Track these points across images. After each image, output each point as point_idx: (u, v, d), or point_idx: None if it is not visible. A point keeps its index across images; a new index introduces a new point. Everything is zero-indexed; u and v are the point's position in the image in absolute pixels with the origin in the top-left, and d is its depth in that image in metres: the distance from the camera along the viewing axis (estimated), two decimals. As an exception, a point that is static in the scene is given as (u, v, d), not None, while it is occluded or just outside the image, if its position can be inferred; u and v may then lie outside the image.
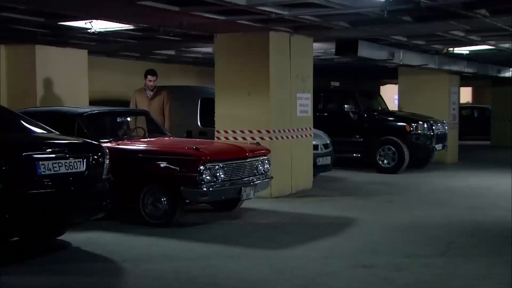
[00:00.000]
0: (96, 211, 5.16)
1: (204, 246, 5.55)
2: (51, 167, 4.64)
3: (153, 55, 12.46)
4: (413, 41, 9.54)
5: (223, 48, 8.66)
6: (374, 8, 6.28)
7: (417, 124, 11.39)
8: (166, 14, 6.68)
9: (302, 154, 9.03)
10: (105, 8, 6.48)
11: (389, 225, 6.51)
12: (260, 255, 5.24)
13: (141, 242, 5.70)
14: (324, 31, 8.38)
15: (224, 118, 8.67)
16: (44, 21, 7.28)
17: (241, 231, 6.26)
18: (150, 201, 6.40)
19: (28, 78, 9.97)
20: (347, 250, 5.40)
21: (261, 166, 6.89)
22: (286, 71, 8.65)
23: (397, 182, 10.15)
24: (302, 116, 9.06)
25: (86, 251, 5.31)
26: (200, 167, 6.11)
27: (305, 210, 7.50)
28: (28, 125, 5.35)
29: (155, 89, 8.66)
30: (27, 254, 5.16)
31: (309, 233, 6.17)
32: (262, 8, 6.47)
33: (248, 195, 6.66)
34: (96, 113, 6.97)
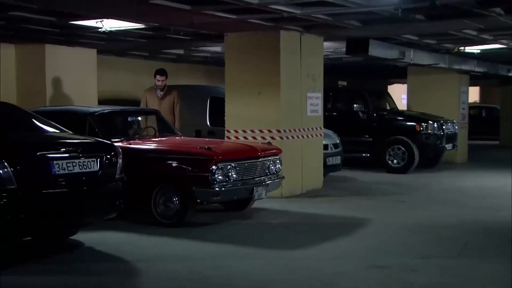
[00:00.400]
0: (109, 211, 5.15)
1: (216, 246, 5.53)
2: (65, 167, 4.63)
3: (162, 54, 12.45)
4: (424, 40, 9.47)
5: (233, 47, 8.63)
6: (388, 6, 6.22)
7: (427, 124, 11.31)
8: (177, 13, 6.65)
9: (312, 154, 8.99)
10: (116, 7, 6.47)
11: (401, 225, 6.46)
12: (273, 256, 5.20)
13: (153, 242, 5.68)
14: (335, 30, 8.33)
15: (234, 117, 8.64)
16: (55, 20, 7.27)
17: (253, 231, 6.23)
18: (161, 201, 6.38)
19: (37, 78, 9.99)
20: (360, 251, 5.36)
21: (272, 166, 6.86)
22: (297, 71, 8.61)
23: (407, 182, 10.09)
24: (313, 116, 9.02)
25: (99, 251, 5.29)
26: (212, 166, 6.09)
27: (316, 210, 7.46)
28: (41, 124, 5.34)
29: (165, 88, 8.64)
30: (40, 254, 5.16)
31: (321, 233, 6.13)
32: (274, 6, 6.43)
33: (260, 195, 6.63)
34: (107, 112, 6.95)
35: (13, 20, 7.42)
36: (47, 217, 4.60)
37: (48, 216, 4.60)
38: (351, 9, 6.41)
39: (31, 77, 10.07)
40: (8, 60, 10.07)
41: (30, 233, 4.83)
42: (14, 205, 4.30)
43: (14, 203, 4.30)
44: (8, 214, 4.28)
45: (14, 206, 4.30)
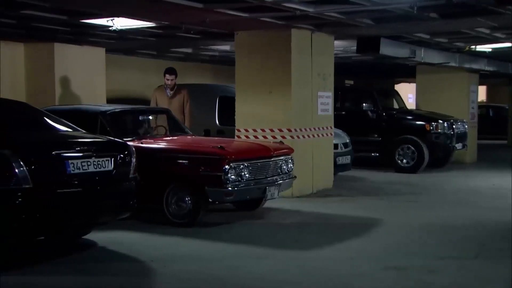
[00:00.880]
0: (123, 210, 5.11)
1: (230, 247, 5.48)
2: (80, 166, 4.59)
3: (170, 53, 12.42)
4: (435, 39, 9.39)
5: (244, 46, 8.57)
6: (403, 4, 6.15)
7: (437, 123, 11.23)
8: (189, 11, 6.61)
9: (323, 154, 8.93)
10: (128, 5, 6.42)
11: (415, 225, 6.40)
12: (288, 256, 5.15)
13: (166, 242, 5.64)
14: (346, 29, 8.27)
15: (245, 116, 8.59)
16: (66, 19, 7.24)
17: (266, 231, 6.19)
18: (173, 201, 6.33)
19: (46, 76, 9.97)
20: (376, 252, 5.30)
21: (285, 166, 6.80)
22: (308, 70, 8.55)
23: (417, 182, 10.01)
24: (323, 115, 8.96)
25: (112, 251, 5.25)
26: (225, 166, 6.04)
27: (328, 210, 7.40)
28: (54, 123, 5.30)
29: (175, 87, 8.60)
30: (53, 253, 5.12)
31: (335, 233, 6.07)
32: (287, 4, 6.37)
33: (272, 195, 6.57)
34: (119, 111, 6.92)
35: (24, 19, 7.39)
36: (62, 217, 4.56)
37: (63, 216, 4.56)
38: (366, 7, 6.36)
39: (40, 75, 10.05)
40: (17, 59, 10.06)
41: (45, 233, 4.79)
42: (30, 204, 4.26)
43: (29, 203, 4.27)
44: (24, 214, 4.25)
45: (30, 205, 4.27)
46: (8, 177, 4.16)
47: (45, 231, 4.70)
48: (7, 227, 4.25)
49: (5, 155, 4.16)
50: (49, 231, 4.79)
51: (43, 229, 4.56)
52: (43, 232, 4.73)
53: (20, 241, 4.67)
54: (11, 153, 4.18)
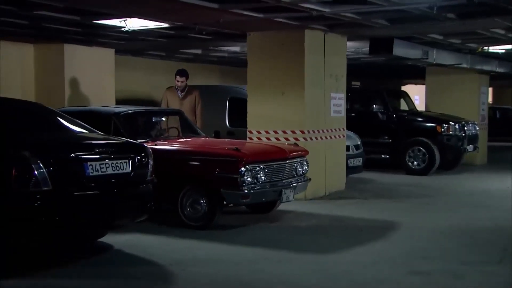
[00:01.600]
0: (141, 213, 5.02)
1: (248, 250, 5.40)
2: (98, 168, 4.52)
3: (178, 54, 12.35)
4: (448, 40, 9.30)
5: (256, 46, 8.49)
6: (423, 4, 6.07)
7: (448, 125, 11.13)
8: (204, 11, 6.54)
9: (335, 155, 8.84)
10: (143, 5, 6.35)
11: (434, 229, 6.31)
12: (309, 260, 5.07)
13: (183, 245, 5.56)
14: (359, 29, 8.18)
15: (257, 118, 8.51)
16: (79, 19, 7.17)
17: (283, 234, 6.10)
18: (188, 203, 6.26)
19: (56, 77, 9.91)
20: (397, 255, 5.21)
21: (300, 168, 6.72)
22: (320, 71, 8.47)
23: (429, 184, 9.92)
24: (336, 117, 8.88)
25: (129, 254, 5.17)
26: (242, 168, 5.96)
27: (343, 212, 7.31)
28: (70, 124, 5.23)
29: (186, 88, 8.53)
30: (69, 256, 5.04)
31: (353, 236, 5.99)
32: (304, 5, 6.29)
33: (288, 198, 6.49)
34: (132, 112, 6.84)
35: (37, 19, 7.32)
36: (81, 219, 4.48)
37: (82, 218, 4.49)
38: (383, 7, 6.27)
39: (50, 76, 9.99)
40: (26, 60, 10.01)
41: (63, 236, 4.71)
42: (49, 207, 4.19)
43: (49, 205, 4.19)
44: (44, 216, 4.17)
45: (49, 208, 4.19)
46: (28, 179, 4.09)
47: (64, 234, 4.62)
48: (27, 229, 4.17)
49: (25, 157, 4.09)
50: (68, 234, 4.71)
51: (62, 232, 4.48)
52: (62, 235, 4.64)
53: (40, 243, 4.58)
54: (31, 155, 4.11)
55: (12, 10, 6.51)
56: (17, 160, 4.09)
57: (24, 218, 4.12)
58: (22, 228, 4.15)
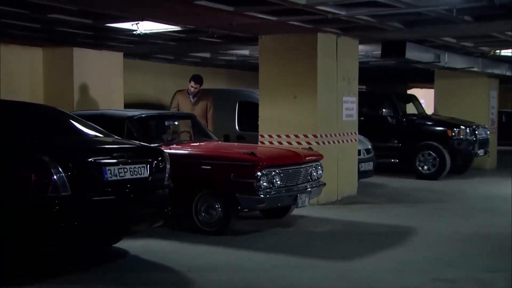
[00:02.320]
0: (158, 218, 4.93)
1: (266, 256, 5.30)
2: (117, 173, 4.43)
3: (187, 57, 12.29)
4: (461, 43, 9.22)
5: (268, 50, 8.41)
6: (442, 6, 5.99)
7: (459, 129, 11.03)
8: (218, 14, 6.47)
9: (347, 160, 8.75)
10: (157, 8, 6.28)
11: (453, 235, 6.21)
12: (329, 266, 4.97)
13: (199, 250, 5.46)
14: (373, 32, 8.11)
15: (268, 121, 8.42)
16: (92, 22, 7.10)
17: (299, 240, 6.01)
18: (203, 208, 6.17)
19: (65, 81, 9.87)
20: (419, 262, 5.11)
21: (314, 172, 6.63)
22: (333, 74, 8.39)
23: (441, 188, 9.82)
24: (348, 120, 8.79)
25: (146, 260, 5.08)
26: (258, 173, 5.87)
27: (357, 217, 7.21)
28: (86, 128, 5.15)
29: (198, 93, 8.45)
30: (85, 262, 4.95)
31: (371, 242, 5.89)
32: (320, 7, 6.22)
33: (303, 203, 6.40)
34: (146, 116, 6.77)
35: (49, 23, 7.26)
36: (100, 225, 4.40)
37: (100, 224, 4.40)
38: (400, 9, 6.19)
39: (59, 80, 9.95)
40: (35, 64, 9.96)
41: (82, 242, 4.63)
42: (69, 212, 4.10)
43: (68, 211, 4.10)
44: (63, 222, 4.08)
45: (69, 213, 4.10)
46: (47, 184, 4.00)
47: (82, 240, 4.53)
48: (45, 235, 4.09)
49: (44, 161, 4.01)
50: (87, 240, 4.62)
51: (81, 237, 4.39)
52: (81, 241, 4.56)
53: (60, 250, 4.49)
54: (50, 159, 4.02)
55: (25, 13, 6.44)
56: (36, 165, 4.01)
57: (42, 223, 4.03)
58: (41, 234, 4.06)
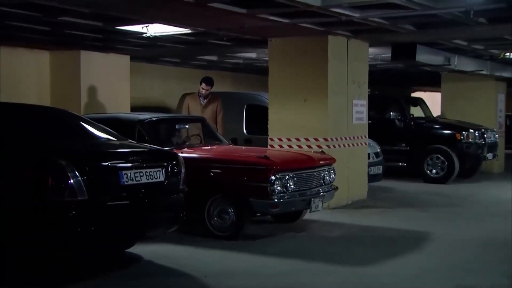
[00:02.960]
0: (173, 223, 4.85)
1: (282, 261, 5.22)
2: (133, 177, 4.36)
3: (193, 60, 12.23)
4: (472, 45, 9.15)
5: (278, 52, 8.36)
6: (458, 8, 5.92)
7: (468, 132, 10.95)
8: (230, 16, 6.41)
9: (357, 163, 8.68)
10: (170, 11, 6.21)
11: (469, 240, 6.12)
12: (347, 272, 4.89)
13: (214, 255, 5.38)
14: (383, 35, 8.05)
15: (278, 125, 8.36)
16: (102, 25, 7.04)
17: (314, 245, 5.92)
18: (215, 213, 6.09)
19: (72, 84, 9.81)
20: (437, 268, 5.03)
21: (327, 176, 6.55)
22: (343, 77, 8.33)
23: (450, 192, 9.73)
24: (358, 124, 8.73)
25: (161, 265, 5.00)
26: (271, 177, 5.79)
27: (370, 222, 7.13)
28: (99, 132, 5.08)
29: (208, 96, 8.38)
30: (100, 268, 4.86)
31: (387, 247, 5.80)
32: (335, 9, 6.15)
33: (316, 207, 6.32)
34: (157, 120, 6.69)
35: (59, 26, 7.20)
36: (116, 230, 4.32)
37: (117, 229, 4.32)
38: (415, 11, 6.12)
39: (66, 83, 9.89)
40: (42, 67, 9.89)
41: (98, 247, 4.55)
42: (86, 217, 4.02)
43: (85, 215, 4.03)
44: (79, 227, 4.00)
45: (85, 218, 4.03)
46: (64, 188, 3.93)
47: (98, 245, 4.45)
48: (62, 240, 4.00)
49: (62, 165, 3.93)
50: (102, 245, 4.54)
51: (97, 242, 4.31)
52: (96, 246, 4.48)
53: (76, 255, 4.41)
54: (67, 163, 3.94)
55: (37, 16, 6.37)
56: (53, 169, 3.94)
57: (59, 228, 3.95)
58: (57, 239, 3.98)
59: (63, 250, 4.16)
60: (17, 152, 4.12)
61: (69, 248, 4.17)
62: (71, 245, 4.10)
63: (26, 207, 3.93)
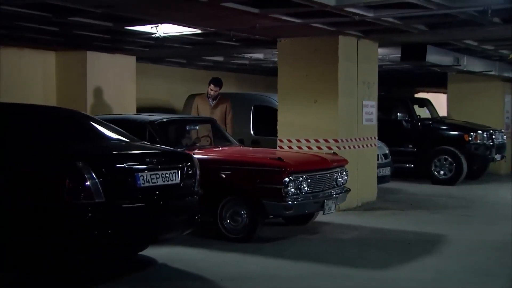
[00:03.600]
0: (189, 226, 4.76)
1: (298, 265, 5.13)
2: (149, 179, 4.27)
3: (199, 61, 12.15)
4: (482, 46, 9.07)
5: (287, 53, 8.28)
6: (475, 8, 5.84)
7: (476, 134, 10.87)
8: (243, 16, 6.33)
9: (367, 165, 8.60)
10: (182, 11, 6.13)
11: (484, 242, 6.05)
12: (366, 276, 4.81)
13: (228, 258, 5.30)
14: (394, 35, 7.97)
15: (288, 126, 8.27)
16: (112, 25, 6.95)
17: (328, 248, 5.83)
18: (228, 215, 6.01)
19: (78, 85, 9.73)
20: (456, 271, 4.95)
21: (340, 178, 6.47)
22: (353, 78, 8.25)
23: (459, 194, 9.65)
24: (368, 125, 8.65)
25: (176, 269, 4.91)
26: (285, 178, 5.72)
27: (383, 224, 7.05)
28: (112, 133, 4.99)
29: (218, 97, 8.30)
30: (116, 271, 4.77)
31: (403, 250, 5.72)
32: (349, 9, 6.07)
33: (330, 209, 6.24)
34: (167, 121, 6.61)
35: (68, 26, 7.11)
36: (132, 233, 4.23)
37: (133, 232, 4.23)
38: (431, 11, 6.04)
39: (72, 84, 9.81)
40: (48, 68, 9.81)
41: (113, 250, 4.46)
42: (103, 220, 3.94)
43: (102, 218, 3.94)
44: (96, 230, 3.92)
45: (103, 221, 3.94)
46: (81, 191, 3.84)
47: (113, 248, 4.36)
48: (78, 243, 3.92)
49: (78, 167, 3.85)
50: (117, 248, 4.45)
51: (113, 246, 4.22)
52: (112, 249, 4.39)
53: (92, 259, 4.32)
54: (84, 165, 3.86)
55: (47, 16, 6.29)
56: (70, 171, 3.85)
57: (76, 231, 3.87)
58: (73, 242, 3.90)
59: (80, 253, 4.06)
60: (33, 154, 4.03)
61: (86, 252, 4.08)
62: (87, 249, 4.01)
63: (42, 209, 3.85)
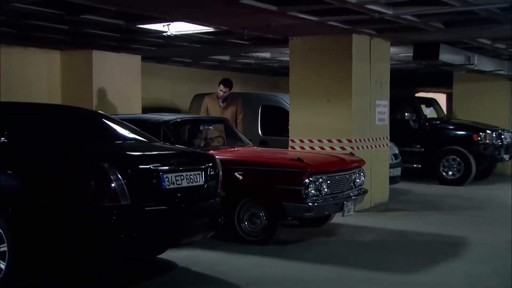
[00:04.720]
0: (211, 229, 4.62)
1: (321, 268, 5.00)
2: (174, 181, 4.13)
3: (204, 61, 12.00)
4: (494, 44, 8.98)
5: (299, 52, 8.14)
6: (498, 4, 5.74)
7: (485, 133, 10.78)
8: (258, 14, 6.20)
9: (379, 165, 8.48)
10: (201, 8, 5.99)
11: (507, 244, 5.90)
12: (392, 280, 4.68)
13: (249, 261, 5.16)
14: (408, 34, 7.85)
15: (300, 126, 8.14)
16: (124, 24, 6.80)
17: (348, 251, 5.71)
18: (246, 217, 5.87)
19: (84, 84, 9.57)
20: (487, 276, 4.82)
21: (358, 179, 6.35)
22: (366, 77, 8.13)
23: (469, 195, 9.56)
24: (380, 125, 8.54)
25: (198, 272, 4.77)
26: (306, 180, 5.58)
27: (399, 226, 6.93)
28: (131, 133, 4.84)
29: (228, 98, 8.16)
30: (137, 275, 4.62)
31: (426, 253, 5.59)
32: (369, 6, 5.95)
33: (349, 210, 6.11)
34: (181, 120, 6.47)
35: (78, 24, 6.95)
36: (157, 236, 4.08)
37: (158, 235, 4.08)
38: (454, 8, 5.92)
39: (77, 83, 9.65)
40: (53, 67, 9.64)
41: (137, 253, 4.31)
42: (129, 222, 3.79)
43: (128, 221, 3.80)
44: (123, 233, 3.77)
45: (129, 223, 3.79)
46: (106, 193, 3.70)
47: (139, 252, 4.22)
48: (103, 247, 3.77)
49: (104, 168, 3.70)
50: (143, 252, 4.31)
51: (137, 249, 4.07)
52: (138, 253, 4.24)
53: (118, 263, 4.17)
54: (110, 166, 3.71)
55: (59, 14, 6.12)
56: (95, 173, 3.71)
57: (102, 234, 3.72)
58: (98, 245, 3.75)
59: (105, 257, 3.91)
60: (56, 155, 3.88)
61: (111, 255, 3.94)
62: (113, 252, 3.87)
63: (66, 212, 3.70)
